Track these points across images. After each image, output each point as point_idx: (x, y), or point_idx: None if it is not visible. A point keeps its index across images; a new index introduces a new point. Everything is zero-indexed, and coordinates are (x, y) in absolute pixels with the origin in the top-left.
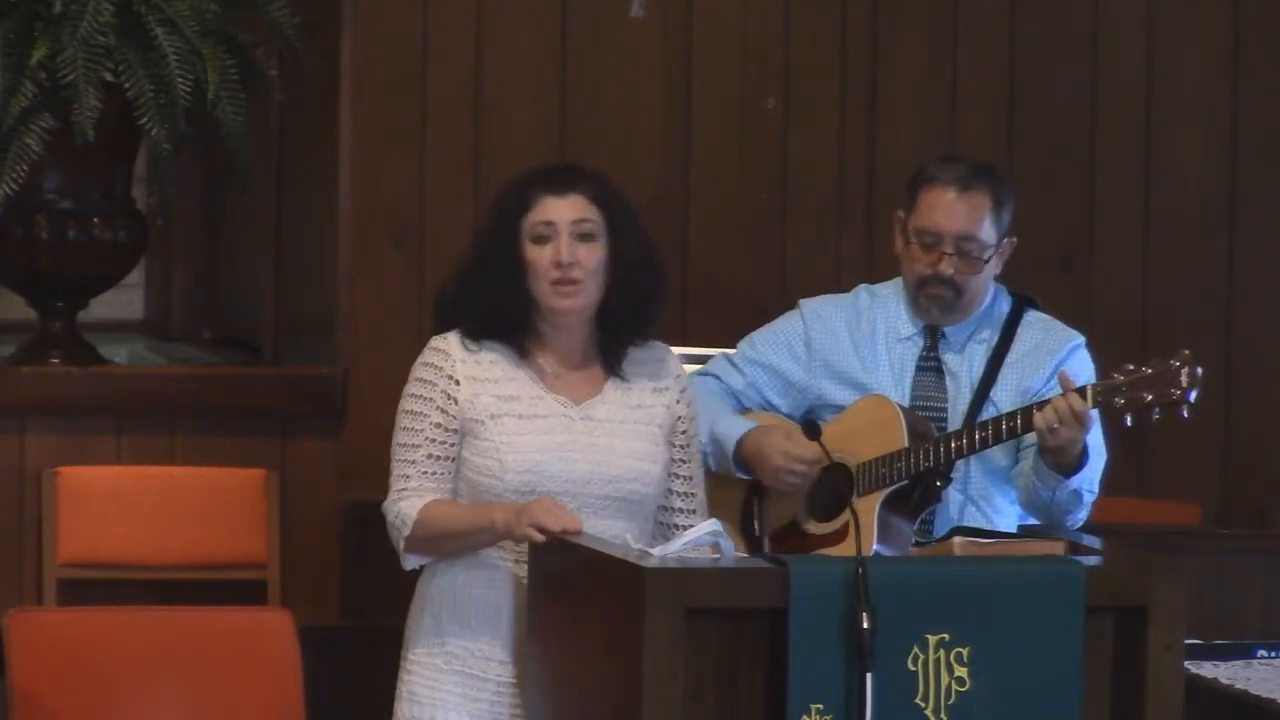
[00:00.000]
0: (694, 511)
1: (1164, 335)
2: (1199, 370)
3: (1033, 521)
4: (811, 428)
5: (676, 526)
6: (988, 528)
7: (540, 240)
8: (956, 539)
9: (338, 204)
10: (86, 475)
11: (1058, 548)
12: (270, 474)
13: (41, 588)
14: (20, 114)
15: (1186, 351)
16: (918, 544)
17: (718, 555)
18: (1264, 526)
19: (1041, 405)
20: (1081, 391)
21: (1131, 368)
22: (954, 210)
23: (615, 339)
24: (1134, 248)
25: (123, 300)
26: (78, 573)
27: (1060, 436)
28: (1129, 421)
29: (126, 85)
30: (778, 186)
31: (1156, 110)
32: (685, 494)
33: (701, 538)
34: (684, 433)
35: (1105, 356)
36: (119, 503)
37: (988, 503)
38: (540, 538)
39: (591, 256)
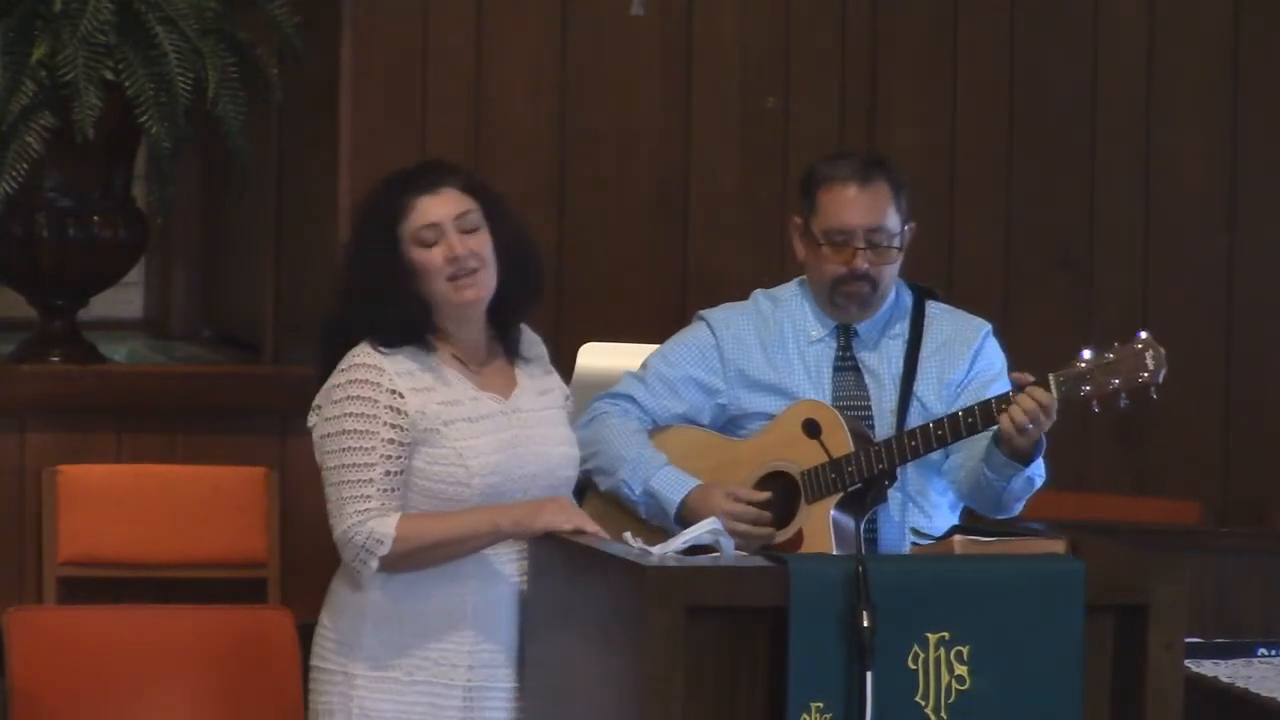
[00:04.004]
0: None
1: (1164, 335)
2: (1162, 350)
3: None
4: (812, 427)
5: None
6: (926, 525)
7: (426, 244)
8: (956, 538)
9: (338, 203)
10: (86, 474)
11: (1058, 547)
12: (270, 473)
13: (41, 586)
14: (20, 112)
15: (1145, 334)
16: (916, 544)
17: (718, 554)
18: (1264, 525)
19: (1001, 402)
20: (1044, 383)
21: (1091, 354)
22: (858, 204)
23: (508, 325)
24: (1134, 248)
25: (123, 298)
26: (78, 571)
27: (1031, 435)
28: (1095, 409)
29: (127, 84)
30: (778, 186)
31: (1156, 110)
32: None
33: (701, 535)
34: (571, 411)
35: None
36: (119, 501)
37: (924, 498)
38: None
39: (483, 244)
